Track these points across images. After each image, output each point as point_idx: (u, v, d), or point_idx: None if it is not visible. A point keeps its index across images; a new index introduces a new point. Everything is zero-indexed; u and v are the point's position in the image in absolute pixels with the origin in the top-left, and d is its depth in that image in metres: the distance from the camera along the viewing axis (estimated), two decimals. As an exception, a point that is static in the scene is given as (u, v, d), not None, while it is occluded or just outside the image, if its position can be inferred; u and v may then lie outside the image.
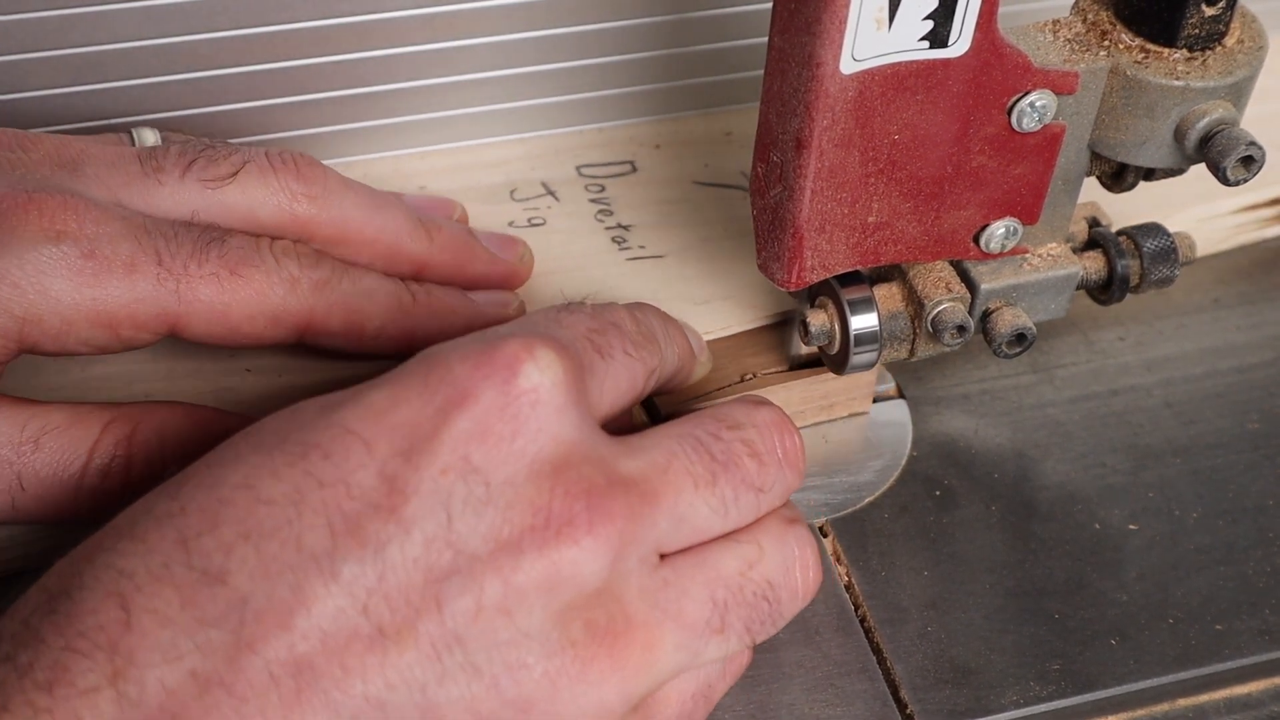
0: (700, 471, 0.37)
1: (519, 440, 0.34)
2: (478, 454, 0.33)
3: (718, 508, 0.37)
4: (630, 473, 0.35)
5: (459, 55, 0.54)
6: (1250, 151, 0.41)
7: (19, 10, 0.48)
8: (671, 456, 0.37)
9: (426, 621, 0.32)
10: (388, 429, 0.33)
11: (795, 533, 0.39)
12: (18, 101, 0.51)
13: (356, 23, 0.52)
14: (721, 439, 0.38)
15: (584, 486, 0.34)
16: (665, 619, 0.36)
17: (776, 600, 0.38)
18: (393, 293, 0.46)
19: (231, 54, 0.51)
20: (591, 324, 0.38)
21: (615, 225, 0.55)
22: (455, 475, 0.33)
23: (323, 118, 0.54)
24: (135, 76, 0.51)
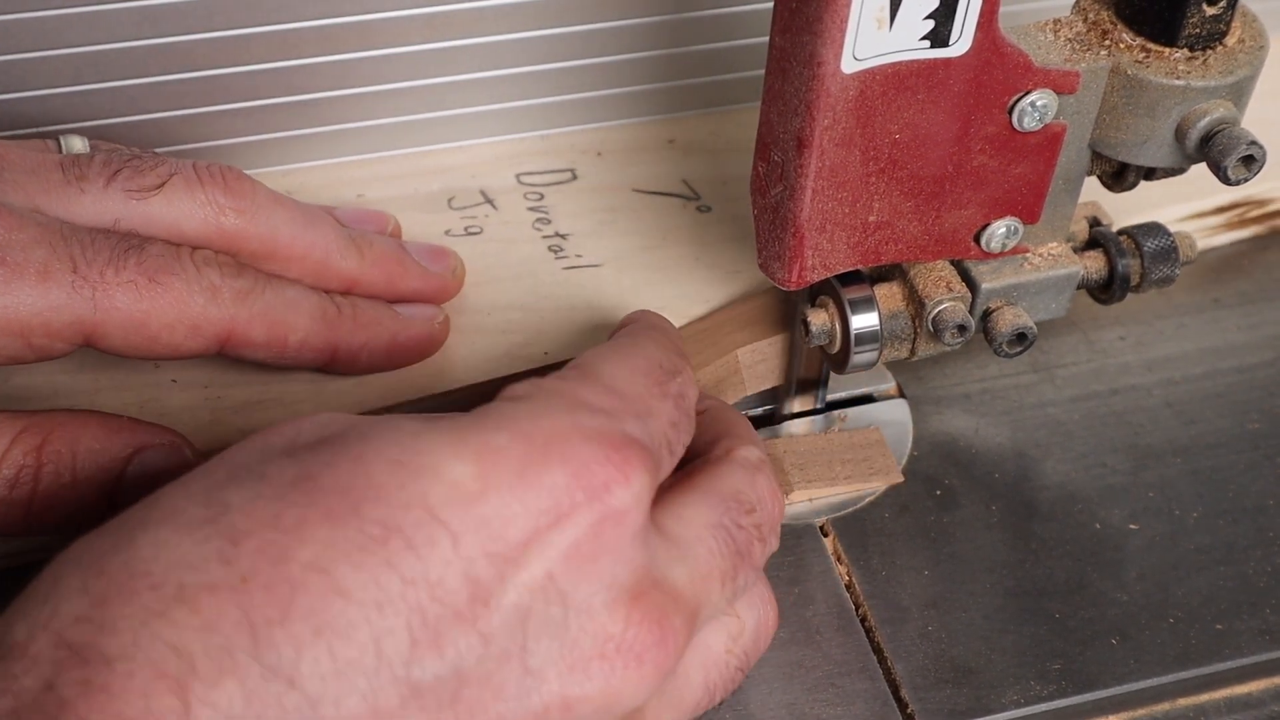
0: (726, 567, 0.37)
1: (601, 562, 0.33)
2: (561, 573, 0.32)
3: (730, 596, 0.37)
4: (681, 586, 0.35)
5: (396, 62, 0.54)
6: (1251, 151, 0.41)
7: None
8: (710, 557, 0.37)
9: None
10: (476, 523, 0.32)
11: (759, 590, 0.39)
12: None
13: (291, 30, 0.51)
14: (743, 528, 0.38)
15: (656, 617, 0.34)
16: (669, 709, 0.37)
17: (748, 666, 0.39)
18: (317, 304, 0.46)
19: (165, 61, 0.51)
20: (675, 416, 0.38)
21: (553, 234, 0.54)
22: (538, 593, 0.32)
23: (259, 126, 0.54)
24: (59, 85, 0.51)
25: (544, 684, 0.32)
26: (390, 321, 0.48)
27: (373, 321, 0.47)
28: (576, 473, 0.33)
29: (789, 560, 0.47)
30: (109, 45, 0.50)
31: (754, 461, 0.40)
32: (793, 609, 0.45)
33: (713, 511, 0.38)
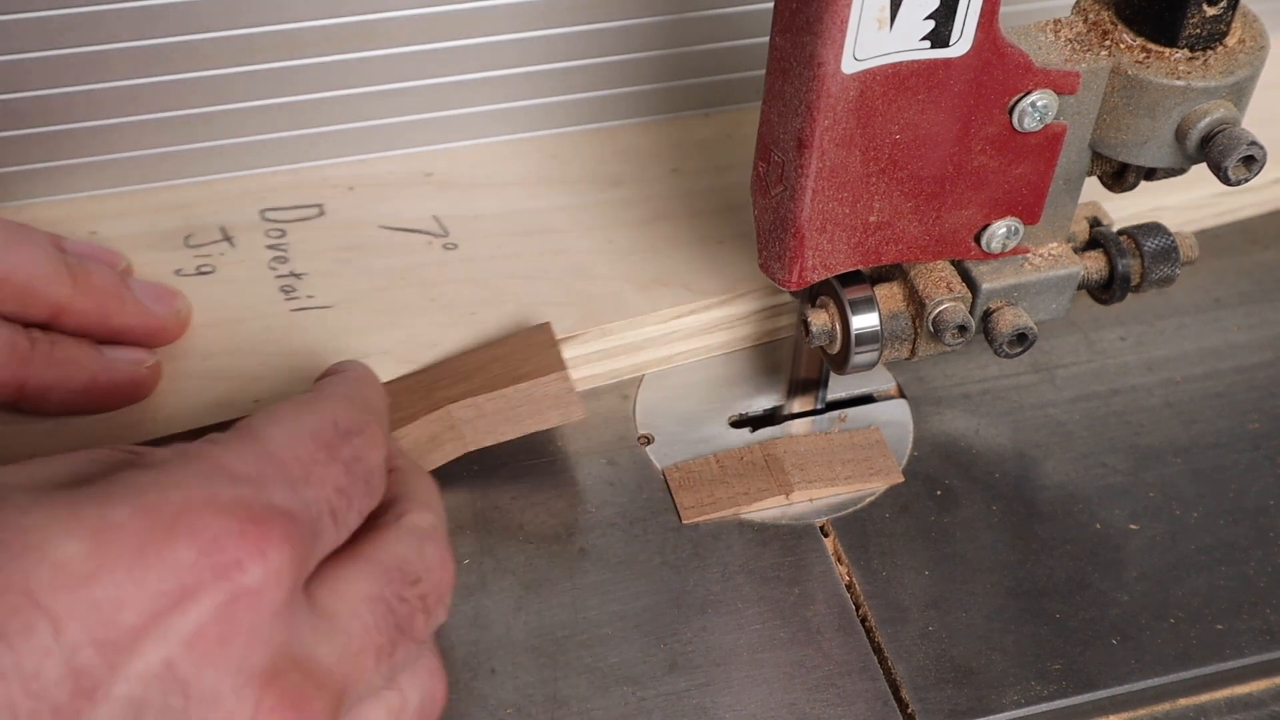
0: (383, 643, 0.35)
1: (230, 646, 0.30)
2: (183, 660, 0.30)
3: (387, 674, 0.35)
4: (329, 665, 0.33)
5: (136, 94, 0.52)
6: (1251, 151, 0.41)
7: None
8: (365, 633, 0.34)
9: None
10: (85, 607, 0.29)
11: (426, 662, 0.37)
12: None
13: (17, 60, 0.50)
14: (406, 600, 0.36)
15: (291, 700, 0.31)
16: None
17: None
18: (6, 339, 0.43)
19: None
20: (342, 482, 0.35)
21: (288, 273, 0.52)
22: (155, 683, 0.29)
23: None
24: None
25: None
26: (90, 361, 0.45)
27: (68, 360, 0.45)
28: (204, 549, 0.30)
29: (789, 560, 0.47)
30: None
31: (425, 528, 0.37)
32: (793, 609, 0.45)
33: (372, 583, 0.35)
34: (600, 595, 0.45)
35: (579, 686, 0.43)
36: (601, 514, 0.48)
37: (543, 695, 0.43)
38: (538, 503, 0.48)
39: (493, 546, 0.47)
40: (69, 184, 0.54)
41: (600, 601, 0.45)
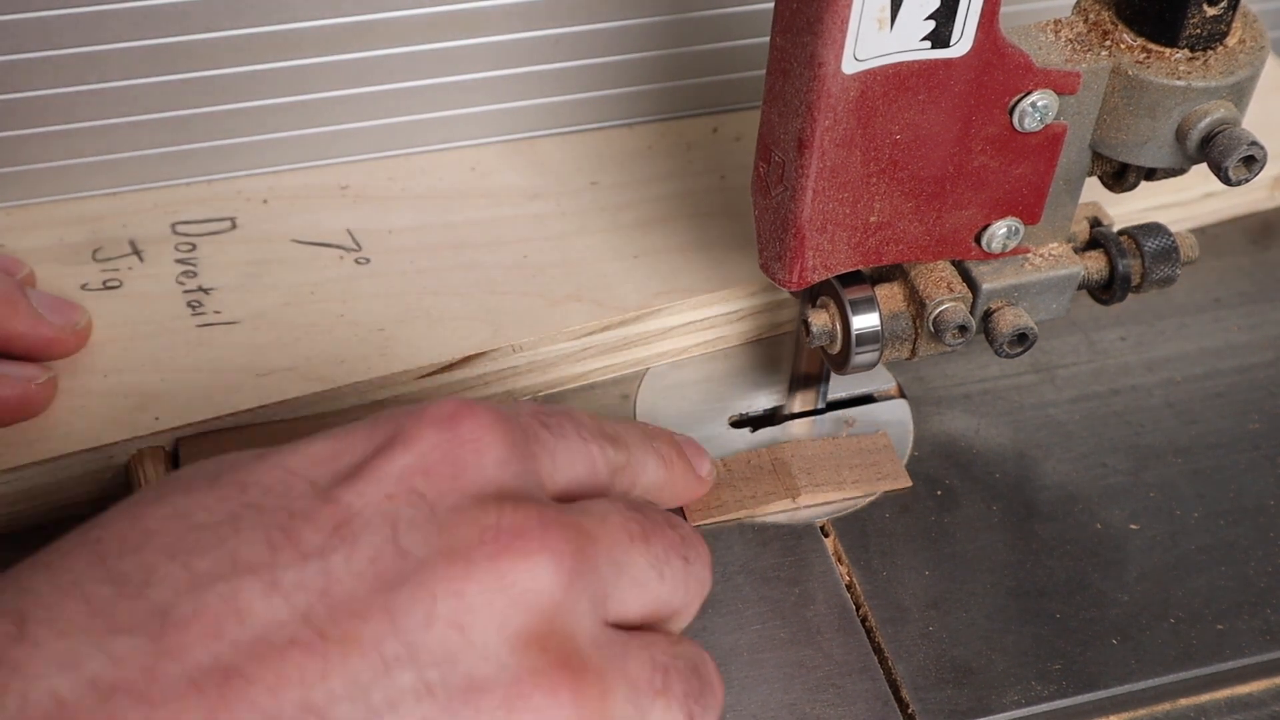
0: (635, 528, 0.36)
1: (462, 479, 0.33)
2: (422, 484, 0.33)
3: (654, 564, 0.36)
4: (574, 522, 0.34)
5: (43, 105, 0.51)
6: (1251, 151, 0.41)
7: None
8: (609, 511, 0.36)
9: (375, 629, 0.31)
10: (330, 468, 0.33)
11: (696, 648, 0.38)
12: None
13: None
14: (645, 513, 0.37)
15: (533, 509, 0.33)
16: (616, 671, 0.34)
17: (707, 681, 0.37)
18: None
19: None
20: (540, 410, 0.38)
21: (196, 288, 0.52)
22: (401, 500, 0.33)
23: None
24: None
25: (427, 570, 0.32)
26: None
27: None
28: (419, 416, 0.34)
29: (789, 560, 0.47)
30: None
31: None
32: (793, 609, 0.45)
33: (610, 499, 0.37)
34: (600, 595, 0.45)
35: (579, 686, 0.43)
36: (602, 514, 0.48)
37: (543, 695, 0.43)
38: (538, 503, 0.48)
39: (493, 546, 0.47)
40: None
41: (600, 601, 0.45)
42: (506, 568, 0.32)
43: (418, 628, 0.31)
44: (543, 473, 0.36)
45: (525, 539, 0.33)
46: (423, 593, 0.32)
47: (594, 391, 0.52)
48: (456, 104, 0.57)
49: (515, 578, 0.32)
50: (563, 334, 0.51)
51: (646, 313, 0.51)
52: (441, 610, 0.32)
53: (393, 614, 0.31)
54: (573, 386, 0.52)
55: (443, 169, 0.58)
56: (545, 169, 0.58)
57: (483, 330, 0.50)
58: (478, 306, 0.51)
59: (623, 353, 0.52)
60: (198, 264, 0.53)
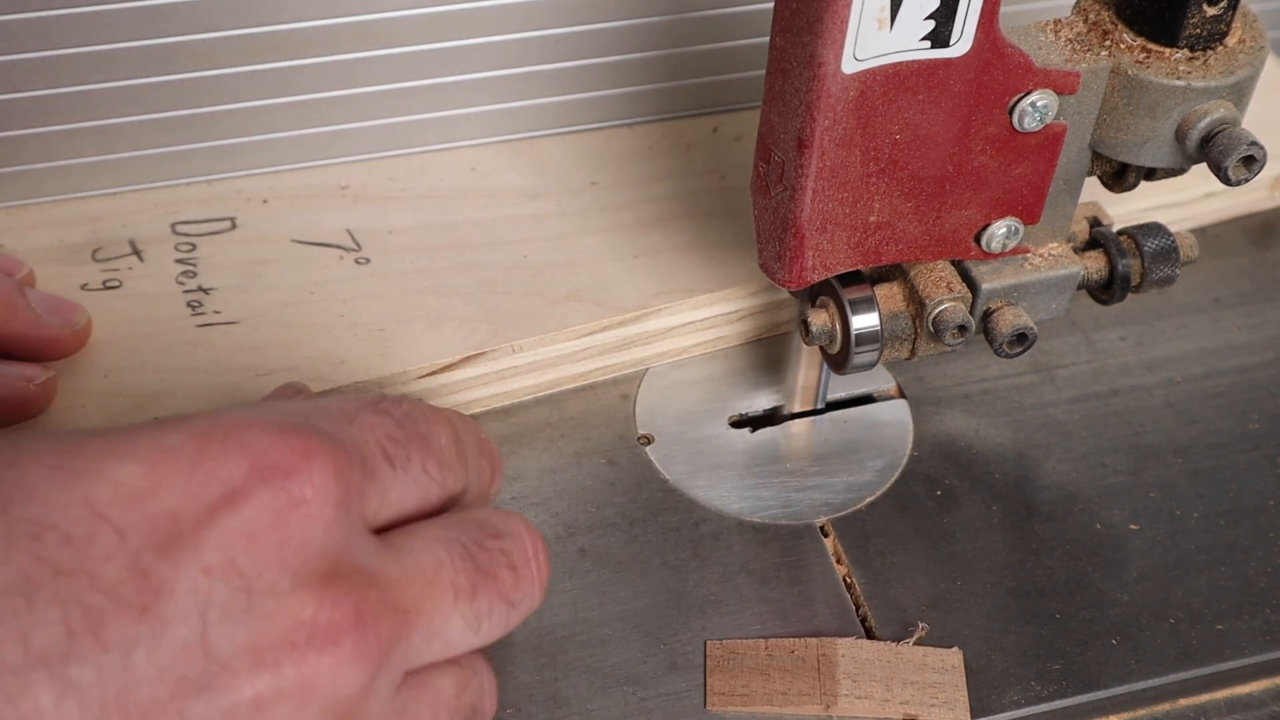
0: (463, 582, 0.34)
1: (286, 550, 0.31)
2: (243, 557, 0.31)
3: (472, 622, 0.35)
4: (396, 580, 0.33)
5: (45, 105, 0.52)
6: (1251, 151, 0.41)
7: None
8: (439, 565, 0.34)
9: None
10: (145, 518, 0.30)
11: (485, 663, 0.38)
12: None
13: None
14: (485, 548, 0.36)
15: (352, 600, 0.32)
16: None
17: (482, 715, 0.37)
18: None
19: None
20: (393, 431, 0.35)
21: (196, 288, 0.52)
22: (218, 576, 0.30)
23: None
24: None
25: (229, 674, 0.30)
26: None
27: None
28: (254, 461, 0.31)
29: (789, 560, 0.47)
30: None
31: (511, 513, 0.38)
32: (793, 609, 0.45)
33: (447, 529, 0.35)
34: (600, 595, 0.45)
35: (579, 686, 0.43)
36: (601, 514, 0.48)
37: (543, 695, 0.43)
38: (538, 503, 0.48)
39: (493, 546, 0.47)
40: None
41: (600, 601, 0.45)
42: (312, 674, 0.31)
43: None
44: (369, 511, 0.34)
45: (337, 644, 0.31)
46: (224, 699, 0.30)
47: (594, 391, 0.52)
48: (456, 104, 0.57)
49: (320, 683, 0.31)
50: (562, 334, 0.51)
51: (646, 313, 0.51)
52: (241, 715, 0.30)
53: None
54: (572, 386, 0.52)
55: (442, 169, 0.58)
56: (545, 169, 0.58)
57: (482, 330, 0.50)
58: (477, 306, 0.51)
59: (622, 353, 0.52)
60: (198, 264, 0.53)
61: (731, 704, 0.43)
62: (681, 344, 0.53)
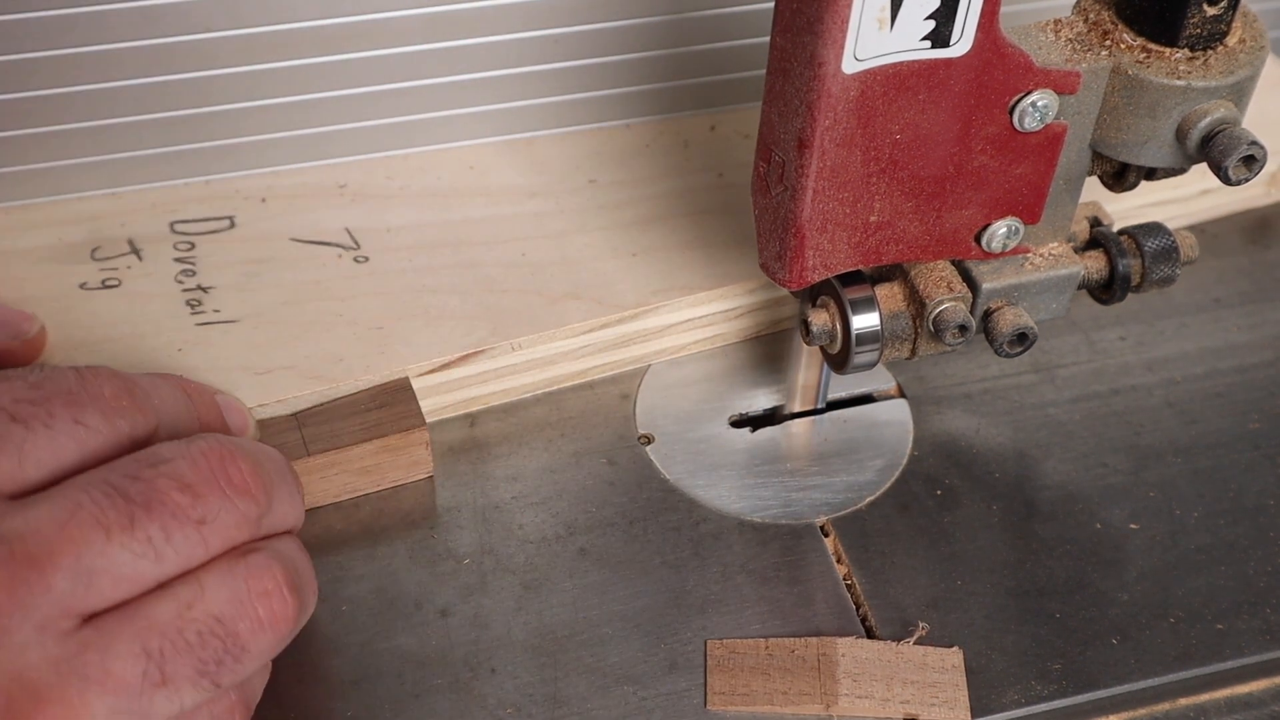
0: (113, 517, 0.33)
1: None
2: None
3: (144, 552, 0.34)
4: (17, 531, 0.32)
5: (41, 105, 0.52)
6: (1252, 151, 0.41)
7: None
8: (75, 507, 0.33)
9: None
10: None
11: (246, 563, 0.36)
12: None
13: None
14: (141, 478, 0.34)
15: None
16: (87, 685, 0.32)
17: (232, 635, 0.35)
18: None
19: None
20: (24, 393, 0.35)
21: (195, 287, 0.52)
22: None
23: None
24: None
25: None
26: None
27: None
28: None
29: (789, 560, 0.47)
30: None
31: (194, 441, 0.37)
32: (793, 608, 0.45)
33: (95, 472, 0.35)
34: (600, 595, 0.45)
35: (579, 686, 0.43)
36: (601, 514, 0.48)
37: (543, 695, 0.43)
38: (538, 503, 0.48)
39: (493, 546, 0.47)
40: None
41: (600, 601, 0.45)
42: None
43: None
44: (3, 474, 0.34)
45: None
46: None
47: (594, 391, 0.52)
48: (455, 103, 0.57)
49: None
50: (561, 331, 0.50)
51: (645, 310, 0.51)
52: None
53: None
54: (571, 384, 0.52)
55: (441, 167, 0.58)
56: (544, 167, 0.58)
57: (481, 328, 0.50)
58: (476, 304, 0.51)
59: (621, 350, 0.52)
60: (196, 263, 0.53)
61: (732, 703, 0.43)
62: (680, 341, 0.53)
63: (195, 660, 0.34)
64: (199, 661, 0.34)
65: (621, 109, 0.59)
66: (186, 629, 0.34)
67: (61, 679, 0.32)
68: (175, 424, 0.38)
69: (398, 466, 0.48)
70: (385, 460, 0.48)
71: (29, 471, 0.34)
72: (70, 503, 0.33)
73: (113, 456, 0.36)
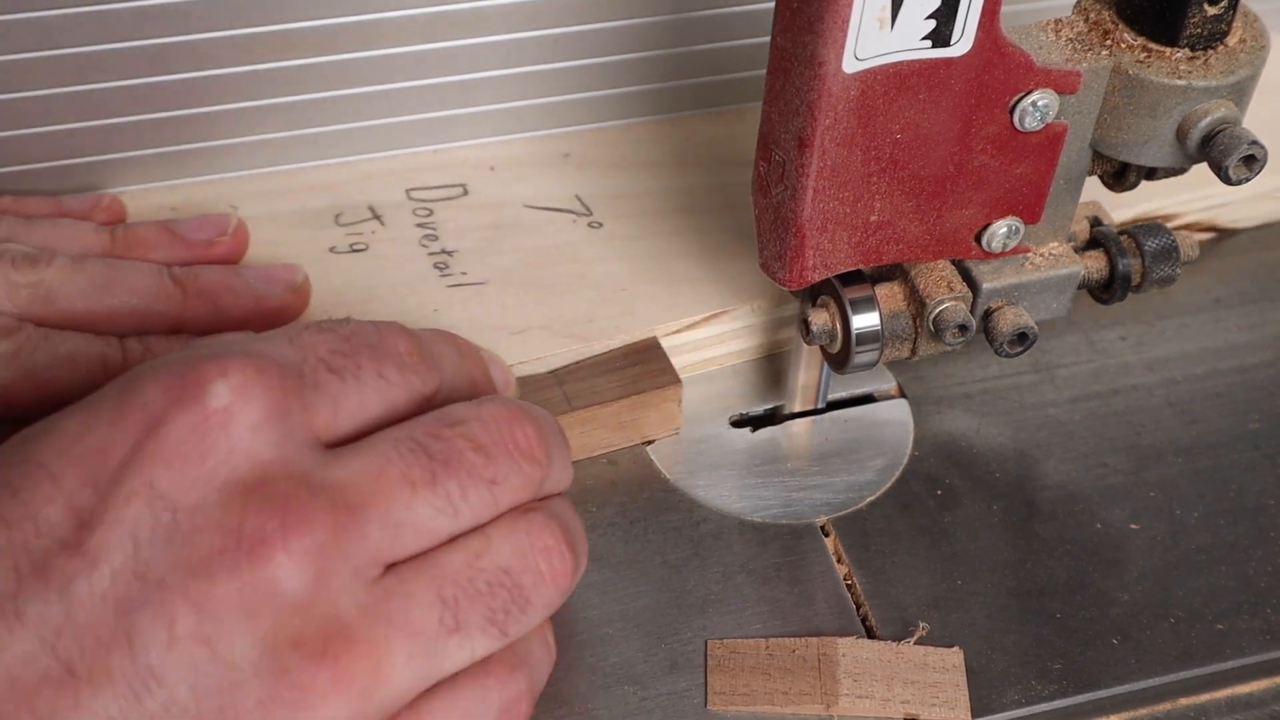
0: (418, 473, 0.35)
1: (208, 462, 0.32)
2: (164, 479, 0.32)
3: (444, 507, 0.35)
4: (337, 481, 0.34)
5: (284, 76, 0.53)
6: (1252, 151, 0.41)
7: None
8: (385, 462, 0.35)
9: (119, 658, 0.31)
10: (76, 459, 0.32)
11: (529, 520, 0.37)
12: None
13: (178, 43, 0.51)
14: (441, 437, 0.36)
15: (280, 502, 0.33)
16: (391, 630, 0.34)
17: (517, 586, 0.36)
18: (97, 355, 0.44)
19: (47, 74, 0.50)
20: (336, 345, 0.36)
21: (439, 251, 0.54)
22: (141, 503, 0.32)
23: (143, 140, 0.53)
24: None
25: (165, 590, 0.31)
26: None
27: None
28: (168, 385, 0.33)
29: (789, 560, 0.47)
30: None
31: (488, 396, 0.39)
32: (794, 608, 0.45)
33: (399, 429, 0.36)
34: (600, 595, 0.45)
35: (579, 686, 0.43)
36: (601, 514, 0.48)
37: (543, 695, 0.43)
38: (538, 502, 0.48)
39: (493, 546, 0.47)
40: (218, 165, 0.55)
41: (600, 601, 0.45)
42: (249, 576, 0.32)
43: (160, 649, 0.31)
44: (318, 423, 0.35)
45: (268, 543, 0.32)
46: (163, 613, 0.31)
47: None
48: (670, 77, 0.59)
49: (259, 584, 0.32)
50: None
51: None
52: (183, 629, 0.32)
53: (132, 638, 0.31)
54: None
55: (661, 138, 0.59)
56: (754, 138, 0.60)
57: (720, 290, 0.52)
58: (709, 269, 0.53)
59: None
60: (437, 228, 0.55)
61: (732, 703, 0.43)
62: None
63: (485, 608, 0.35)
64: (488, 610, 0.36)
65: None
66: (476, 578, 0.36)
67: (369, 623, 0.33)
68: (453, 381, 0.40)
69: (650, 422, 0.50)
70: (640, 416, 0.49)
71: (341, 422, 0.36)
72: (381, 457, 0.35)
73: (406, 410, 0.37)
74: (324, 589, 0.33)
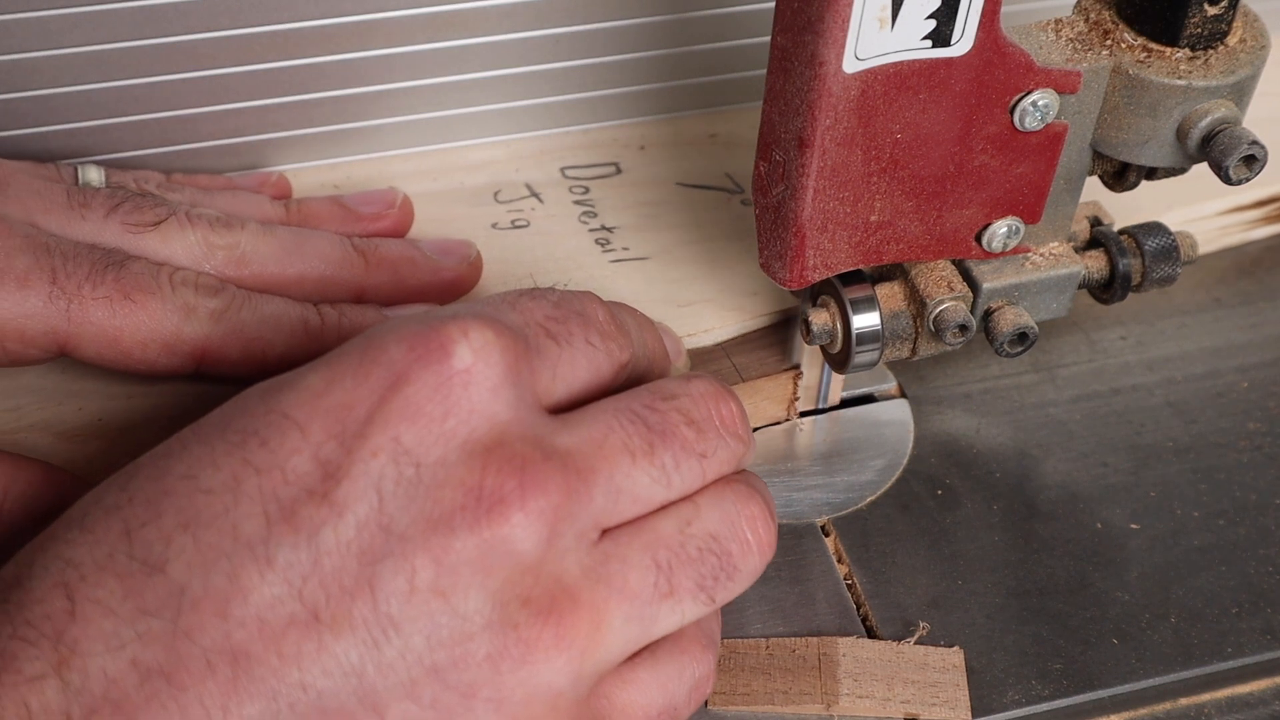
0: (638, 443, 0.36)
1: (450, 420, 0.34)
2: (408, 435, 0.33)
3: (659, 477, 0.36)
4: (566, 447, 0.35)
5: (442, 57, 0.54)
6: (1252, 151, 0.41)
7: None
8: (608, 430, 0.36)
9: (361, 606, 0.32)
10: (322, 412, 0.34)
11: (734, 490, 0.38)
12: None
13: (339, 24, 0.52)
14: (657, 410, 0.37)
15: (517, 463, 0.34)
16: (610, 593, 0.35)
17: (725, 554, 0.37)
18: (299, 318, 0.46)
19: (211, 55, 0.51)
20: (551, 311, 0.38)
21: (599, 227, 0.55)
22: (386, 457, 0.33)
23: (307, 120, 0.55)
24: (117, 79, 0.51)
25: (408, 543, 0.33)
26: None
27: (360, 329, 0.46)
28: (412, 344, 0.34)
29: (790, 560, 0.47)
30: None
31: (694, 373, 0.40)
32: (794, 608, 0.45)
33: (618, 400, 0.37)
34: (601, 594, 0.45)
35: (579, 686, 0.43)
36: (602, 513, 0.48)
37: (543, 694, 0.43)
38: (538, 502, 0.48)
39: (493, 546, 0.47)
40: (381, 143, 0.57)
41: (601, 601, 0.45)
42: (487, 534, 0.33)
43: (400, 599, 0.32)
44: (540, 387, 0.36)
45: (506, 503, 0.33)
46: (404, 565, 0.33)
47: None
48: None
49: (496, 542, 0.33)
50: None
51: None
52: (422, 580, 0.33)
53: (375, 587, 0.32)
54: None
55: None
56: None
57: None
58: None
59: None
60: (594, 205, 0.56)
61: (732, 703, 0.43)
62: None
63: (695, 574, 0.37)
64: (699, 575, 0.37)
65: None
66: (687, 544, 0.37)
67: (590, 585, 0.35)
68: (641, 352, 0.41)
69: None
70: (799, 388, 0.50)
71: (558, 388, 0.37)
72: (604, 426, 0.36)
73: (608, 376, 0.38)
74: (553, 550, 0.34)
